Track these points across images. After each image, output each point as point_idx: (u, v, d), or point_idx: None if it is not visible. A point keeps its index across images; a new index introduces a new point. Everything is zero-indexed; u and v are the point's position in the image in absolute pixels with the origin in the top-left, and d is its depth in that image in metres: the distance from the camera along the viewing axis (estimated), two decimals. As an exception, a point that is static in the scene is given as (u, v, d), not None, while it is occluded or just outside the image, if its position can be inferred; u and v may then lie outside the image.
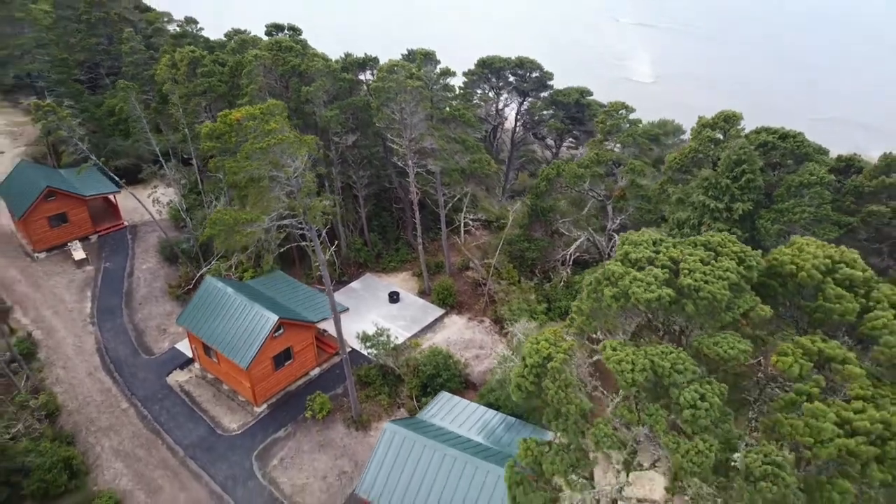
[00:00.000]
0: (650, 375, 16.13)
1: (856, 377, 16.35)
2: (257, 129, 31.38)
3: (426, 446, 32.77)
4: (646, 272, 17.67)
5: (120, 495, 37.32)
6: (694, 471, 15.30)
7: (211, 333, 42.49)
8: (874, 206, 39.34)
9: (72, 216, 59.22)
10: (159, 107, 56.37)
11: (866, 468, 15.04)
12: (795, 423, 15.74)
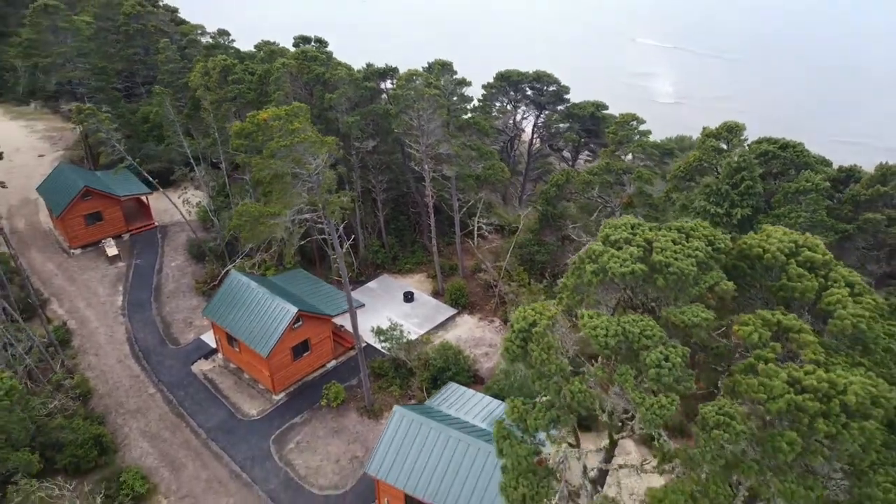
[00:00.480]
0: (622, 340, 18.12)
1: (809, 344, 18.19)
2: (282, 129, 33.97)
3: (432, 429, 34.80)
4: (623, 250, 19.73)
5: (146, 471, 39.77)
6: (657, 422, 17.21)
7: (234, 324, 45.06)
8: (870, 214, 40.82)
9: (106, 215, 62.46)
10: (191, 112, 59.51)
11: (813, 422, 16.85)
12: (751, 381, 17.62)
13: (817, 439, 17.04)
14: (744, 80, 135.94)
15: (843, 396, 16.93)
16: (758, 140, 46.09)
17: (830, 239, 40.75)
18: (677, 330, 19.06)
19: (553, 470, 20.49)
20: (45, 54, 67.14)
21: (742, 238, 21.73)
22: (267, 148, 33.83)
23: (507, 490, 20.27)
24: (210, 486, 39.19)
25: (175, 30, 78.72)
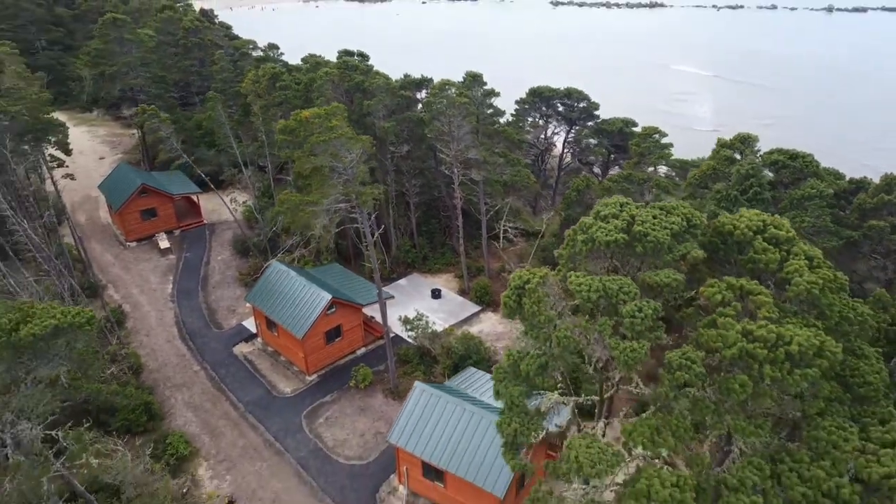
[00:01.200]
0: (602, 295, 21.13)
1: (765, 304, 20.91)
2: (321, 126, 37.90)
3: (449, 402, 37.88)
4: (609, 223, 22.80)
5: (189, 437, 43.60)
6: (629, 364, 20.12)
7: (273, 309, 48.95)
8: (874, 221, 42.86)
9: (160, 211, 67.49)
10: (241, 118, 64.32)
11: (762, 367, 19.59)
12: (711, 333, 20.43)
13: (765, 383, 19.76)
14: (784, 109, 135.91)
15: (788, 346, 19.66)
16: (769, 151, 48.45)
17: (835, 243, 42.98)
18: (652, 290, 22.02)
19: (543, 412, 23.48)
20: (111, 63, 73.04)
21: (717, 218, 24.60)
22: (308, 143, 37.76)
23: (502, 426, 23.33)
24: (246, 452, 42.83)
25: (228, 44, 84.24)
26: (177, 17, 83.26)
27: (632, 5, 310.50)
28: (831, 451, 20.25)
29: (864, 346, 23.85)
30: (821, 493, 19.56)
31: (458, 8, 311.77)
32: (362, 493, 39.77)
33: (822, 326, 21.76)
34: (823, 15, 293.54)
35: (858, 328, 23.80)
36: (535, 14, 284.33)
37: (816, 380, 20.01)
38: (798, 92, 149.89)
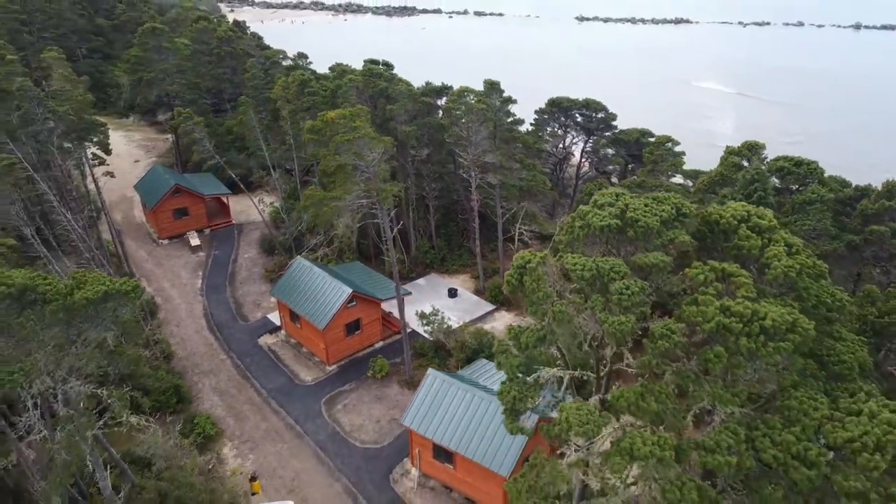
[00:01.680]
0: (595, 273, 23.24)
1: (743, 285, 22.84)
2: (346, 126, 40.51)
3: (459, 388, 40.04)
4: (604, 210, 24.95)
5: (215, 419, 46.21)
6: (616, 335, 22.17)
7: (297, 302, 51.54)
8: (875, 226, 44.35)
9: (192, 211, 70.73)
10: (270, 123, 67.41)
11: (737, 339, 21.53)
12: (692, 309, 22.43)
13: (741, 354, 21.70)
14: (810, 126, 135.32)
15: (762, 321, 21.61)
16: (776, 158, 50.13)
17: (836, 246, 44.55)
18: (642, 271, 24.09)
19: (541, 383, 25.56)
20: (149, 70, 76.82)
21: (706, 208, 26.62)
22: (333, 142, 40.39)
23: (503, 394, 25.45)
24: (268, 435, 45.29)
25: (260, 53, 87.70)
26: (211, 27, 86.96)
27: (657, 21, 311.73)
28: (802, 419, 22.10)
29: (842, 330, 25.66)
30: (790, 455, 21.40)
31: (485, 22, 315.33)
32: (376, 474, 41.97)
33: (799, 307, 23.65)
34: (851, 32, 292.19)
35: (837, 313, 25.64)
36: (561, 29, 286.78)
37: (789, 353, 21.89)
38: (824, 109, 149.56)
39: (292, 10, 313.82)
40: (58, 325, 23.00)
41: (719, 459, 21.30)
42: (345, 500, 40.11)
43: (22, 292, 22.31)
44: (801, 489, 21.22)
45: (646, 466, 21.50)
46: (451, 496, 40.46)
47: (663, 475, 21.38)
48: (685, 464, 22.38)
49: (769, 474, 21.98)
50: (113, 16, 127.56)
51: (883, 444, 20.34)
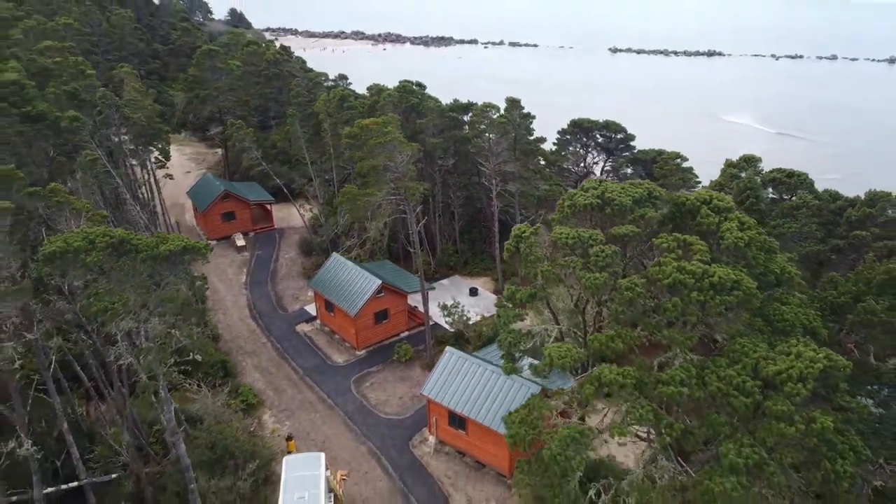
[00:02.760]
0: (577, 241, 28.47)
1: (699, 251, 27.81)
2: (379, 132, 46.49)
3: (473, 363, 45.18)
4: (588, 192, 30.24)
5: (256, 391, 51.90)
6: (591, 288, 27.24)
7: (331, 292, 57.32)
8: (858, 231, 48.65)
9: (238, 215, 77.46)
10: (312, 137, 74.03)
11: (690, 292, 26.48)
12: (655, 268, 27.48)
13: (691, 303, 26.66)
14: (847, 164, 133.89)
15: (711, 278, 26.60)
16: (771, 170, 54.89)
17: (821, 248, 48.91)
18: (617, 240, 29.26)
19: (532, 332, 30.70)
20: (204, 88, 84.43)
21: (676, 194, 31.72)
22: (367, 145, 46.39)
23: (501, 340, 30.66)
24: (303, 405, 50.79)
25: (303, 75, 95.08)
26: (260, 51, 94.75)
27: (689, 53, 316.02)
28: (743, 359, 26.88)
29: (790, 296, 30.38)
30: (731, 387, 26.17)
31: (519, 53, 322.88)
32: (398, 440, 47.09)
33: (748, 273, 28.52)
34: (886, 66, 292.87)
35: (786, 283, 30.42)
36: (593, 61, 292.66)
37: (733, 306, 26.83)
38: (862, 148, 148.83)
39: (334, 40, 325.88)
40: (145, 271, 28.87)
41: (673, 390, 26.21)
42: (369, 460, 45.29)
43: (120, 243, 28.26)
44: (739, 414, 25.95)
45: (612, 394, 26.44)
46: (463, 460, 45.32)
47: (626, 399, 26.32)
48: (647, 395, 27.24)
49: (715, 403, 26.74)
50: (168, 41, 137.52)
51: (805, 376, 25.04)
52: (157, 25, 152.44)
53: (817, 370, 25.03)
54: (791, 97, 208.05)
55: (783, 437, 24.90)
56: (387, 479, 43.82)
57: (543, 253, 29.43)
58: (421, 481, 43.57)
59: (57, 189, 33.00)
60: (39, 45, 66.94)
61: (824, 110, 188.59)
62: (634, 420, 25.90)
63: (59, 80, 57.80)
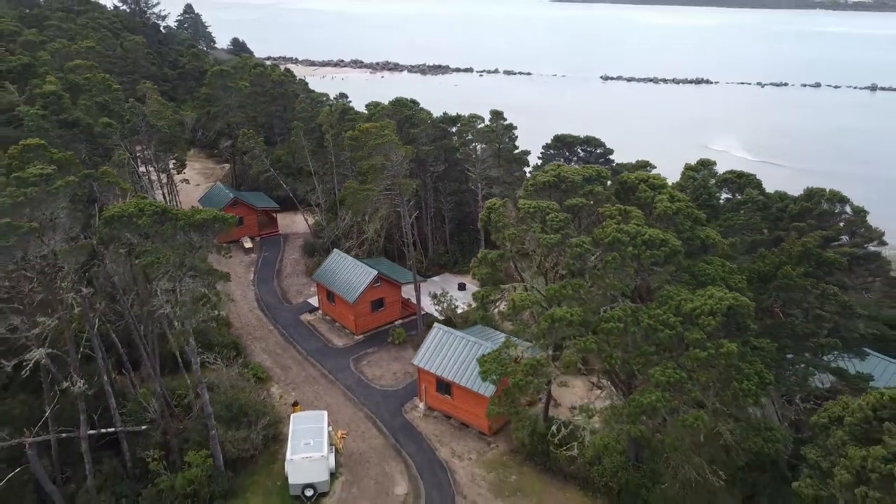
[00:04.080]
0: (537, 210, 34.90)
1: (636, 217, 34.23)
2: (377, 135, 53.20)
3: (458, 336, 51.33)
4: (547, 173, 36.79)
5: (265, 368, 57.85)
6: (546, 246, 33.58)
7: (332, 282, 63.59)
8: (797, 223, 55.09)
9: (246, 220, 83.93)
10: (315, 149, 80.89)
11: (626, 247, 32.86)
12: (598, 230, 33.89)
13: (627, 257, 33.03)
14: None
15: (643, 236, 33.04)
16: (724, 172, 61.46)
17: (764, 237, 55.30)
18: (571, 210, 35.74)
19: (503, 288, 36.95)
20: (215, 105, 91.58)
21: (620, 175, 38.30)
22: (367, 146, 53.08)
23: (476, 294, 36.94)
24: (307, 380, 56.75)
25: (307, 95, 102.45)
26: (266, 72, 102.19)
27: (678, 81, 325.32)
28: (668, 301, 33.21)
29: (713, 258, 36.79)
30: (658, 322, 32.45)
31: (515, 81, 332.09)
32: (391, 407, 53.04)
33: (676, 236, 34.95)
34: (867, 94, 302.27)
35: (712, 249, 36.88)
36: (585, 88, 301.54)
37: (661, 260, 33.22)
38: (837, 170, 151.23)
39: (333, 68, 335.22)
40: (182, 235, 35.21)
41: (613, 325, 32.51)
42: (366, 423, 51.22)
43: (163, 212, 34.57)
44: (665, 344, 32.21)
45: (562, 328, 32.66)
46: (449, 422, 51.21)
47: (574, 333, 32.57)
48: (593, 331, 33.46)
49: (645, 337, 32.98)
50: (177, 66, 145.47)
51: (714, 311, 31.36)
52: (165, 52, 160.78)
53: (724, 306, 31.38)
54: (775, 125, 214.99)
55: (698, 360, 31.17)
56: (381, 438, 49.72)
57: (510, 221, 35.80)
58: (411, 439, 49.45)
59: (108, 171, 39.54)
60: (69, 63, 74.01)
61: (806, 137, 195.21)
62: (580, 349, 32.13)
63: (89, 94, 64.75)
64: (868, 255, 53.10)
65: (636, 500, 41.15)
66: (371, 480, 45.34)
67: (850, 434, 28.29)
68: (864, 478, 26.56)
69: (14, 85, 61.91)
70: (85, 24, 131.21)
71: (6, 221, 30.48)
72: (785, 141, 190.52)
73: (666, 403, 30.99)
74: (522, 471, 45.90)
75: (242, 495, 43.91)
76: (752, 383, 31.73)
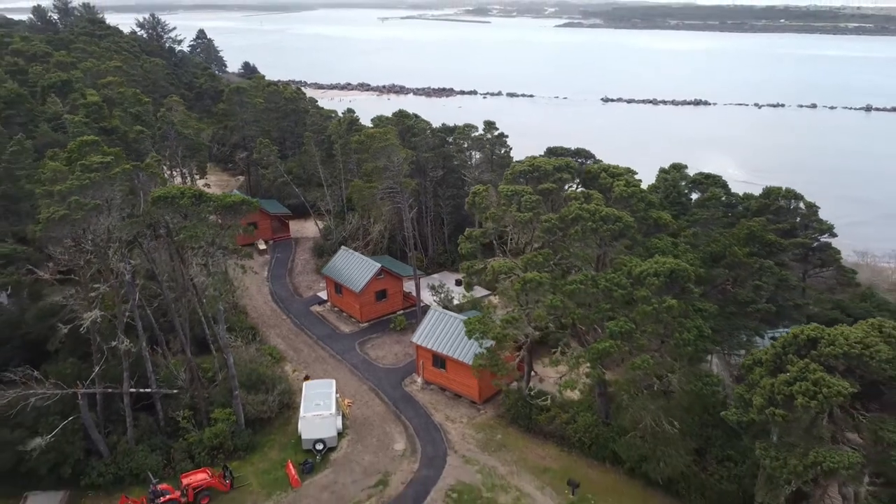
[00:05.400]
0: (513, 193, 41.47)
1: (596, 199, 40.75)
2: (380, 139, 60.08)
3: (452, 316, 57.68)
4: (524, 163, 43.42)
5: (279, 350, 64.24)
6: (521, 222, 40.05)
7: (340, 275, 70.17)
8: (756, 218, 61.42)
9: (260, 225, 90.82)
10: (325, 159, 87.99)
11: (586, 222, 39.34)
12: (565, 209, 40.38)
13: (588, 230, 39.50)
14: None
15: (601, 213, 39.56)
16: (695, 174, 68.06)
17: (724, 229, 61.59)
18: (542, 194, 42.33)
19: (486, 261, 43.36)
20: (231, 119, 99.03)
21: (586, 165, 44.93)
22: (371, 149, 59.94)
23: (463, 267, 43.36)
24: (317, 360, 63.11)
25: (317, 110, 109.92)
26: (279, 90, 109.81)
27: (677, 102, 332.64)
28: (622, 267, 39.60)
29: (664, 236, 43.22)
30: (613, 284, 38.81)
31: (516, 103, 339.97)
32: (393, 381, 59.31)
33: (630, 215, 41.44)
34: (863, 114, 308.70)
35: (664, 228, 43.35)
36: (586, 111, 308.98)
37: (616, 234, 39.71)
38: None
39: (341, 91, 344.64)
40: (214, 214, 41.95)
41: (575, 286, 38.92)
42: (370, 394, 57.49)
43: (200, 195, 41.40)
44: (618, 301, 38.55)
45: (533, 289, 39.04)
46: (444, 394, 57.35)
47: (544, 293, 38.98)
48: (559, 291, 39.82)
49: (603, 296, 39.33)
50: (193, 86, 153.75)
51: (658, 273, 37.73)
52: (181, 74, 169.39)
53: (667, 269, 37.80)
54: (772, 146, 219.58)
55: (645, 313, 37.53)
56: (383, 406, 55.96)
57: (491, 204, 42.32)
58: (410, 407, 55.65)
59: (151, 164, 46.45)
60: (101, 80, 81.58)
61: (801, 158, 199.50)
62: (548, 306, 38.52)
63: (122, 107, 72.11)
64: (820, 246, 59.70)
65: (605, 450, 47.11)
66: (374, 439, 51.50)
67: (766, 369, 34.56)
68: (773, 400, 32.81)
69: (58, 98, 69.31)
70: (107, 48, 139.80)
71: (75, 199, 37.25)
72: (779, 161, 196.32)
73: (618, 349, 37.27)
74: (507, 431, 51.97)
75: (261, 450, 50.15)
76: (692, 335, 38.02)
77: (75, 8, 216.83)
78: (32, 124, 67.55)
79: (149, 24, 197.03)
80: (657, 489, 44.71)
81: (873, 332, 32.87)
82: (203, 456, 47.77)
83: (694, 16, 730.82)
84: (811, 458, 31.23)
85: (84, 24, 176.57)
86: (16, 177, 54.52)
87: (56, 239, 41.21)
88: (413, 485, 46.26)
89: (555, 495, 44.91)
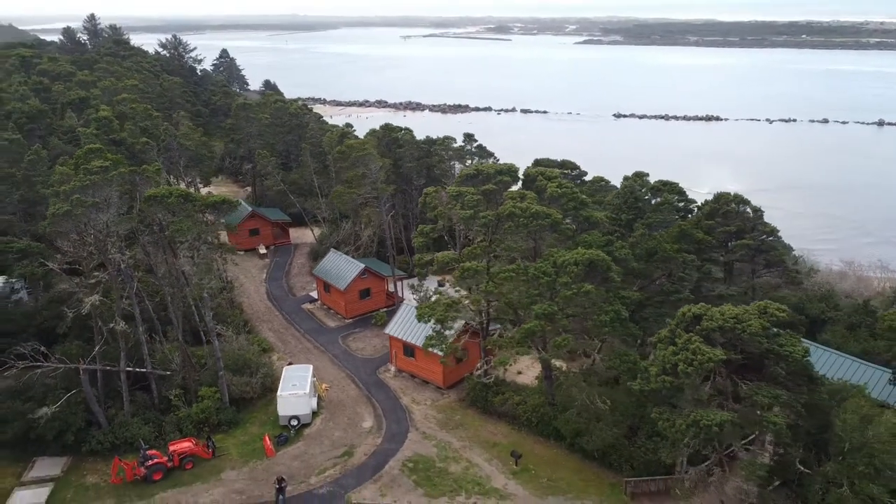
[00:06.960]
0: (458, 194, 47.10)
1: (529, 198, 46.18)
2: (360, 149, 66.18)
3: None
4: (470, 167, 49.07)
5: (269, 342, 70.20)
6: (464, 218, 45.62)
7: (328, 275, 76.17)
8: (707, 220, 66.31)
9: (261, 231, 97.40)
10: (321, 169, 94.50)
11: (518, 218, 44.76)
12: (503, 206, 45.87)
13: (520, 226, 44.92)
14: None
15: (531, 210, 45.03)
16: (655, 181, 73.02)
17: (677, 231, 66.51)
18: (485, 194, 47.92)
19: (435, 254, 48.94)
20: (239, 134, 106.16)
21: (527, 168, 50.47)
22: (350, 158, 66.05)
23: (416, 259, 48.93)
24: (302, 351, 68.94)
25: (317, 123, 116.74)
26: (284, 106, 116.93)
27: (689, 118, 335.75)
28: (549, 258, 44.93)
29: (594, 232, 48.50)
30: (541, 271, 44.14)
31: (529, 119, 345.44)
32: (368, 370, 64.90)
33: (561, 213, 46.84)
34: (875, 129, 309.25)
35: (596, 224, 48.67)
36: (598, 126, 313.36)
37: (545, 228, 45.13)
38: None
39: (359, 108, 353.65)
40: (200, 212, 48.18)
41: (507, 274, 44.34)
42: (346, 380, 63.16)
43: (187, 195, 47.72)
44: (544, 287, 43.87)
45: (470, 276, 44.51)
46: (413, 380, 62.77)
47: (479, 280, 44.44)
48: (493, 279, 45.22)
49: (534, 281, 44.62)
50: (210, 104, 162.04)
51: (578, 262, 43.04)
52: (199, 92, 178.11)
53: (586, 259, 43.11)
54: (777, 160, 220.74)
55: (565, 297, 42.83)
56: (357, 390, 61.56)
57: (440, 203, 47.97)
58: (381, 391, 61.17)
59: (147, 168, 52.95)
60: (116, 98, 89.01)
61: (805, 172, 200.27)
62: (483, 291, 43.99)
63: (133, 121, 79.21)
64: (765, 247, 64.36)
65: (549, 427, 52.15)
66: (345, 418, 57.09)
67: (665, 344, 39.69)
68: (665, 370, 37.94)
69: (74, 114, 76.65)
70: (130, 67, 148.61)
71: (77, 198, 43.67)
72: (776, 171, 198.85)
73: (542, 329, 42.59)
74: (466, 413, 57.23)
75: (243, 425, 55.99)
76: (608, 317, 43.19)
77: (103, 29, 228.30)
78: (51, 137, 75.04)
79: (171, 44, 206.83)
80: (593, 461, 49.62)
81: (753, 311, 37.91)
82: (190, 429, 53.65)
83: (714, 32, 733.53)
84: (692, 418, 36.25)
85: (110, 45, 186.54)
86: (33, 182, 61.54)
87: (63, 233, 47.70)
88: (375, 455, 51.67)
89: (500, 465, 50.01)
